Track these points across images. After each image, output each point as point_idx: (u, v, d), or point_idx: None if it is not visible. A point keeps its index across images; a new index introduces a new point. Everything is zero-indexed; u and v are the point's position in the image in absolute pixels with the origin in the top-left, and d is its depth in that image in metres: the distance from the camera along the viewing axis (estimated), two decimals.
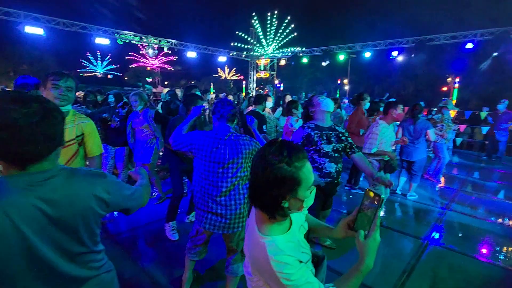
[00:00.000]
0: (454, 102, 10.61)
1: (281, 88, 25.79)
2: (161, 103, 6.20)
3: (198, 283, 2.44)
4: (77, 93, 4.75)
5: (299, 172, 0.87)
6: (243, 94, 15.53)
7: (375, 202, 0.92)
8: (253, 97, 5.28)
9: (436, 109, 6.56)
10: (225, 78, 44.19)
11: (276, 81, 25.66)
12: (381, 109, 4.67)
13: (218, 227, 2.00)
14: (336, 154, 2.56)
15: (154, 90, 28.57)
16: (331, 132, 2.56)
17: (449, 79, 23.35)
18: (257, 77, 21.86)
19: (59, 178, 0.88)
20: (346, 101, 8.73)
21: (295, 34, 24.85)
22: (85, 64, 40.63)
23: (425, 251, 3.09)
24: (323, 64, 15.92)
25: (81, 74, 38.72)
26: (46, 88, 1.87)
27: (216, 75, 43.17)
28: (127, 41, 11.75)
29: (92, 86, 5.96)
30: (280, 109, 6.24)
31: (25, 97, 0.80)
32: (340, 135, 2.59)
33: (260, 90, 20.59)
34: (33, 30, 8.70)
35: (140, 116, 3.78)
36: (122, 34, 11.12)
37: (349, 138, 2.63)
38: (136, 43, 12.97)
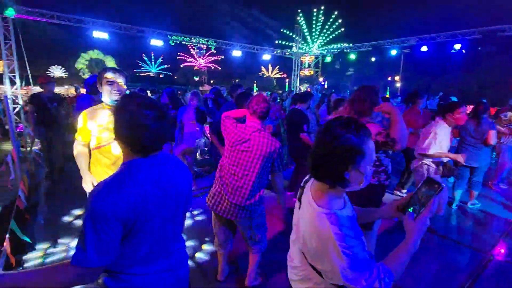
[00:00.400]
0: None
1: (325, 86, 25.02)
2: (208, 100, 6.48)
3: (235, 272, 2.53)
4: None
5: (365, 145, 0.90)
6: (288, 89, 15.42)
7: (434, 190, 0.92)
8: (297, 95, 5.22)
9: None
10: (269, 76, 44.35)
11: (321, 79, 24.97)
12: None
13: (225, 211, 2.11)
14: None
15: (201, 88, 29.94)
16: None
17: None
18: (301, 75, 21.53)
19: (163, 161, 1.12)
20: (397, 100, 8.07)
21: (342, 29, 23.87)
22: (141, 65, 44.11)
23: (488, 266, 2.77)
24: (372, 59, 15.05)
25: (137, 74, 42.17)
26: (102, 84, 2.03)
27: (260, 74, 43.56)
28: (178, 42, 12.47)
29: (146, 85, 6.48)
30: (324, 106, 6.10)
31: (152, 104, 1.03)
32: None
33: (303, 88, 20.27)
34: (100, 35, 9.75)
35: (190, 111, 4.10)
36: (173, 35, 11.83)
37: None
38: (186, 43, 13.69)
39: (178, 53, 41.95)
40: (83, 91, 7.72)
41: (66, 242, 2.97)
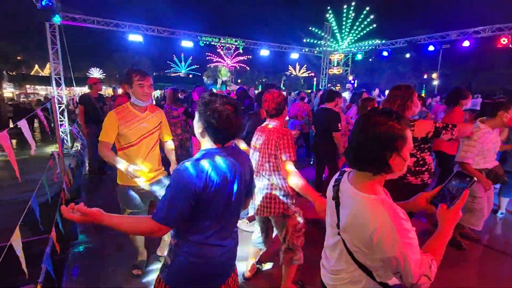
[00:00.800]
0: None
1: (355, 85, 24.17)
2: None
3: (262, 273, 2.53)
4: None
5: (406, 132, 0.93)
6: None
7: (465, 183, 0.96)
8: (324, 93, 5.05)
9: None
10: (296, 75, 43.88)
11: (350, 77, 24.19)
12: None
13: (260, 209, 2.11)
14: None
15: (228, 88, 30.38)
16: None
17: None
18: (329, 74, 21.04)
19: (234, 152, 1.32)
20: (436, 98, 7.51)
21: (374, 25, 22.93)
22: (171, 65, 45.75)
23: None
24: (407, 56, 14.29)
25: (168, 75, 43.80)
26: (133, 86, 2.10)
27: (287, 73, 43.24)
28: (208, 42, 12.75)
29: (178, 85, 6.72)
30: (354, 106, 5.91)
31: (230, 101, 1.22)
32: None
33: (332, 87, 19.76)
34: (135, 37, 10.23)
35: None
36: (203, 36, 12.11)
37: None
38: (215, 44, 13.95)
39: (207, 54, 42.91)
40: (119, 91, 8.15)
41: (103, 233, 3.17)
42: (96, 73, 38.63)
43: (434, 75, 23.12)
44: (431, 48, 11.77)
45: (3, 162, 7.09)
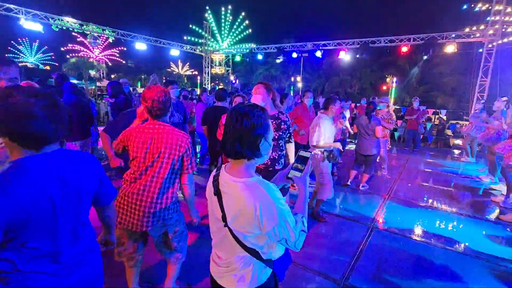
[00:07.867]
0: (392, 100, 11.62)
1: (236, 84, 25.68)
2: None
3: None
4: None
5: (269, 121, 1.14)
6: (198, 90, 15.15)
7: (306, 160, 1.29)
8: (214, 92, 5.08)
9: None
10: (179, 73, 42.50)
11: (232, 77, 25.51)
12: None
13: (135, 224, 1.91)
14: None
15: (98, 84, 26.34)
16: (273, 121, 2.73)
17: (388, 79, 25.66)
18: (212, 73, 21.44)
19: (62, 155, 1.07)
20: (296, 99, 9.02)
21: (250, 31, 24.95)
22: (13, 52, 35.49)
23: (371, 235, 3.37)
24: (277, 61, 16.26)
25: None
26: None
27: (169, 70, 41.29)
28: (65, 28, 10.53)
29: (29, 77, 5.32)
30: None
31: (39, 92, 0.98)
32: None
33: (216, 86, 20.27)
34: None
35: None
36: (57, 19, 9.95)
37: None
38: (76, 30, 11.68)
39: (67, 42, 35.55)
40: None
41: None
42: None
43: (298, 78, 27.48)
44: (294, 55, 13.87)
45: None
